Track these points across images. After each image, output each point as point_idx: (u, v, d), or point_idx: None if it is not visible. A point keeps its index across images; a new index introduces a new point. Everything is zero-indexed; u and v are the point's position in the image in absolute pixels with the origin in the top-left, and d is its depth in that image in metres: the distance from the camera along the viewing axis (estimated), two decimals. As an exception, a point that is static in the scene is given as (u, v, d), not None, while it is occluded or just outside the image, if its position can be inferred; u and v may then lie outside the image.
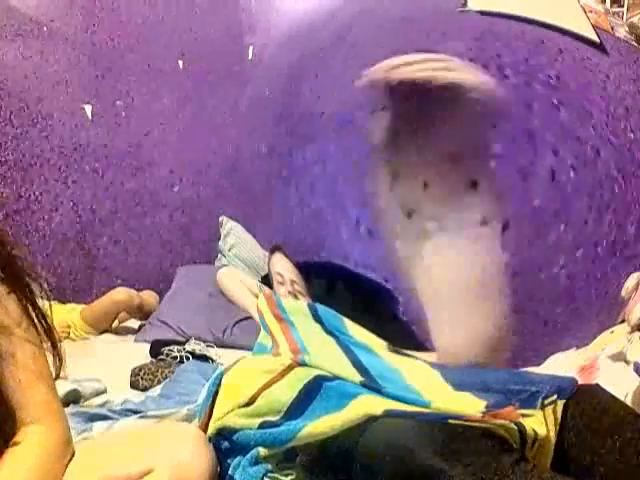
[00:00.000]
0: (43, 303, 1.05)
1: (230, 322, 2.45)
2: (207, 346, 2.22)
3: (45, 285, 1.08)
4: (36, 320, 1.02)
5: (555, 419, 1.08)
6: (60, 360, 1.05)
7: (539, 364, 1.82)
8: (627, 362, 1.46)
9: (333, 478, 1.07)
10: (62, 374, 1.06)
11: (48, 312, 1.05)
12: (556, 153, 1.99)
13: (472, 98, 1.29)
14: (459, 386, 1.17)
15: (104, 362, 2.18)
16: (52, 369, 1.04)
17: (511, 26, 2.20)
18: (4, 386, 0.95)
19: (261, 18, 3.19)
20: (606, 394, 1.13)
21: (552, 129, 2.00)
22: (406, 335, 1.86)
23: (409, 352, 1.36)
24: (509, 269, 1.49)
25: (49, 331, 1.03)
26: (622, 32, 2.55)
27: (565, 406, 1.10)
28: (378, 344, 1.35)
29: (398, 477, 0.95)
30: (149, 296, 2.84)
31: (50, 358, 1.03)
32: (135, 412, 1.54)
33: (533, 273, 1.96)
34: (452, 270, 1.37)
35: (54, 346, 1.04)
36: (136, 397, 1.73)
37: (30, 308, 1.01)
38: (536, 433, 1.03)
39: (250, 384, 1.22)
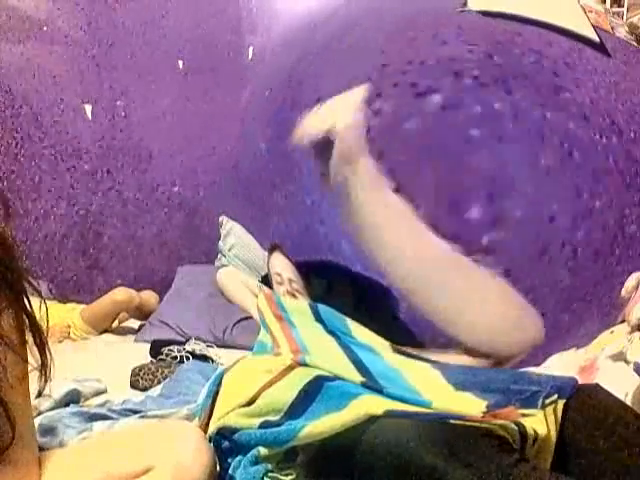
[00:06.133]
0: (40, 302, 1.03)
1: (230, 322, 2.45)
2: (207, 346, 2.22)
3: (45, 287, 1.05)
4: (30, 337, 0.98)
5: (555, 419, 1.08)
6: (46, 380, 1.02)
7: (539, 364, 1.82)
8: (627, 362, 1.46)
9: (333, 478, 1.07)
10: (45, 392, 1.04)
11: (44, 328, 1.01)
12: (555, 155, 1.99)
13: None
14: (460, 386, 1.17)
15: (104, 362, 2.18)
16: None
17: (511, 26, 2.20)
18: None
19: (261, 18, 3.19)
20: (606, 394, 1.13)
21: (552, 129, 2.00)
22: (406, 335, 1.86)
23: (413, 352, 1.36)
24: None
25: (42, 348, 1.00)
26: (622, 32, 2.55)
27: (565, 406, 1.10)
28: (381, 344, 1.35)
29: (398, 477, 0.95)
30: (149, 296, 2.84)
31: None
32: (135, 412, 1.54)
33: (533, 273, 1.96)
34: None
35: (44, 365, 1.01)
36: (136, 397, 1.73)
37: (26, 324, 0.98)
38: (536, 433, 1.03)
39: (250, 384, 1.22)
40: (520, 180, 1.95)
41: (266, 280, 1.94)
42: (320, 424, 1.05)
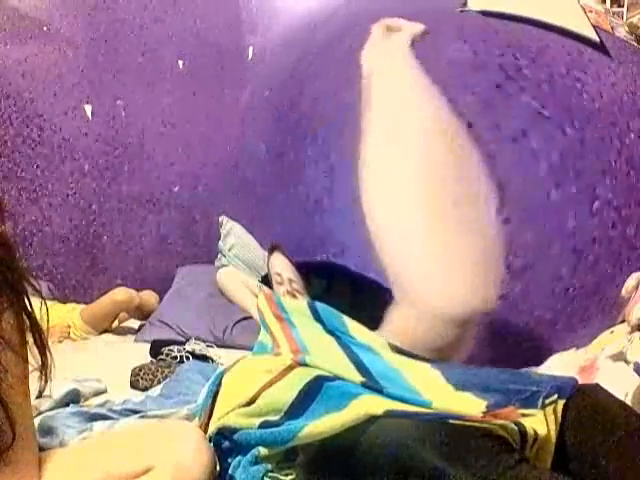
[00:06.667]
0: (41, 302, 1.03)
1: (230, 322, 2.45)
2: (207, 346, 2.22)
3: (45, 287, 1.05)
4: (30, 337, 0.99)
5: (555, 419, 1.08)
6: (46, 380, 1.03)
7: (539, 364, 1.82)
8: (627, 362, 1.46)
9: (333, 478, 1.07)
10: (45, 392, 1.04)
11: (44, 328, 1.01)
12: (555, 154, 1.99)
13: None
14: (460, 386, 1.17)
15: (104, 362, 2.18)
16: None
17: (511, 26, 2.20)
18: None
19: (261, 18, 3.19)
20: (606, 394, 1.13)
21: (551, 129, 2.00)
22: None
23: (413, 352, 1.35)
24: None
25: (42, 349, 1.01)
26: (622, 32, 2.55)
27: (565, 406, 1.10)
28: (379, 343, 1.35)
29: (399, 477, 0.95)
30: (149, 296, 2.84)
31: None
32: (135, 412, 1.54)
33: (533, 274, 1.97)
34: None
35: (44, 365, 1.01)
36: (136, 397, 1.73)
37: (27, 324, 0.99)
38: (536, 433, 1.03)
39: (251, 384, 1.22)
40: (520, 179, 1.95)
41: (266, 280, 1.94)
42: (320, 424, 1.05)
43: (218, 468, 1.08)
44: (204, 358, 2.11)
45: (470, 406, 1.10)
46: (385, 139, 1.41)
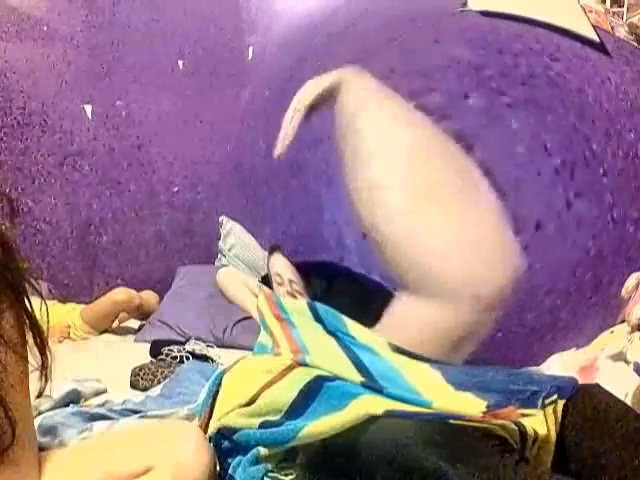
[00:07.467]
0: (41, 302, 1.03)
1: (230, 322, 2.45)
2: (207, 346, 2.22)
3: (45, 287, 1.04)
4: (30, 337, 0.98)
5: (555, 419, 1.08)
6: (46, 380, 1.03)
7: (539, 364, 1.82)
8: (627, 362, 1.46)
9: (333, 478, 1.07)
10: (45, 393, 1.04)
11: (44, 328, 1.01)
12: (555, 154, 1.99)
13: None
14: (460, 386, 1.17)
15: (104, 362, 2.18)
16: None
17: (511, 26, 2.20)
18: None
19: (261, 18, 3.19)
20: (606, 394, 1.13)
21: (552, 129, 2.00)
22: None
23: (413, 351, 1.36)
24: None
25: (42, 349, 1.01)
26: (622, 32, 2.55)
27: (565, 406, 1.10)
28: (380, 343, 1.35)
29: (398, 477, 0.95)
30: (149, 296, 2.84)
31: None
32: (135, 412, 1.54)
33: (532, 273, 1.96)
34: None
35: (44, 366, 1.01)
36: (136, 397, 1.73)
37: (27, 324, 0.98)
38: (536, 433, 1.03)
39: (251, 384, 1.22)
40: (520, 180, 1.94)
41: (266, 280, 1.94)
42: (320, 424, 1.05)
43: (218, 468, 1.08)
44: (204, 358, 2.11)
45: (470, 406, 1.10)
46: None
